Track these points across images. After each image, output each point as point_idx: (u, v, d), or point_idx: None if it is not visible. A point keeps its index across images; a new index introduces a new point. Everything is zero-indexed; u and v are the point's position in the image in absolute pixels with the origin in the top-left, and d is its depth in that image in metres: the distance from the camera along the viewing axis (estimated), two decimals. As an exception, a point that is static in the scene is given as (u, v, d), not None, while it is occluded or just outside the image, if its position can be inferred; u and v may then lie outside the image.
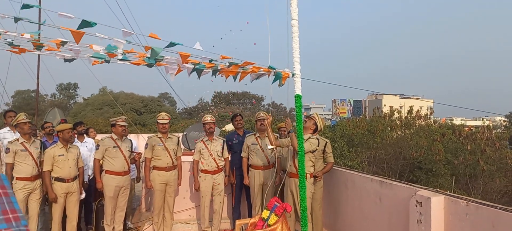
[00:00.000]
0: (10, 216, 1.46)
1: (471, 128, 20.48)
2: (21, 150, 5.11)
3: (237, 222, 4.83)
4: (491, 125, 24.27)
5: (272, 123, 5.23)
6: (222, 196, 5.81)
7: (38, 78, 12.92)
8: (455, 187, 14.86)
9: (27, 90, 51.36)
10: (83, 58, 3.91)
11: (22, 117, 5.22)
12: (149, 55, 3.86)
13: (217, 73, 4.35)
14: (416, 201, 3.78)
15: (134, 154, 5.92)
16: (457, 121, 40.87)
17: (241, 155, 5.90)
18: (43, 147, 5.44)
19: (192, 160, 6.01)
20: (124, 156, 5.50)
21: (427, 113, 21.37)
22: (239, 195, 6.19)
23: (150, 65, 3.94)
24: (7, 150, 5.11)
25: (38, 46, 3.56)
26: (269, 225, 4.34)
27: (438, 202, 3.59)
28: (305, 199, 4.44)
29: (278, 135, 6.14)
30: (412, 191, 3.95)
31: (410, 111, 20.87)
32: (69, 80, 64.32)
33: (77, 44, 3.37)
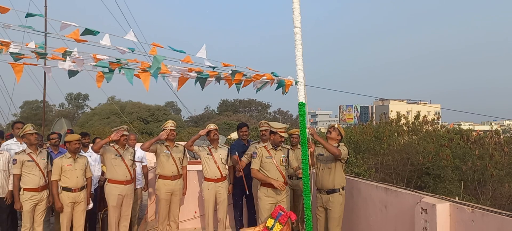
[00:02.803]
0: None
1: (479, 133, 20.28)
2: (28, 161, 5.16)
3: (241, 230, 4.81)
4: (499, 129, 24.00)
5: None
6: (226, 204, 5.79)
7: (44, 88, 13.03)
8: (464, 193, 14.70)
9: (35, 101, 51.88)
10: (87, 70, 3.95)
11: (29, 128, 5.28)
12: (152, 64, 3.90)
13: (221, 80, 4.37)
14: (421, 208, 3.75)
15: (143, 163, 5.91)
16: (465, 126, 40.50)
17: (241, 159, 5.77)
18: (49, 157, 5.49)
19: (197, 169, 6.00)
20: (126, 165, 5.52)
21: (434, 119, 21.21)
22: (242, 203, 6.16)
23: (155, 76, 3.95)
24: (14, 161, 5.16)
25: (42, 56, 3.60)
26: (273, 234, 4.33)
27: (443, 209, 3.56)
28: (309, 206, 4.42)
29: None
30: (417, 198, 3.93)
31: (417, 117, 20.73)
32: (79, 90, 65.07)
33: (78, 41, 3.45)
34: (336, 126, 5.14)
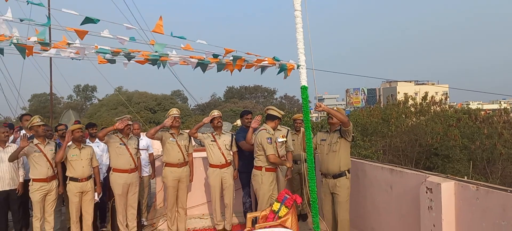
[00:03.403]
0: None
1: (488, 112, 20.10)
2: (35, 152, 5.23)
3: (248, 215, 4.86)
4: (508, 107, 23.74)
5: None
6: (232, 190, 5.84)
7: (51, 80, 13.12)
8: (473, 172, 14.64)
9: (43, 94, 52.37)
10: (90, 59, 3.99)
11: (36, 120, 5.33)
12: (154, 51, 3.93)
13: (223, 69, 4.36)
14: (426, 187, 3.74)
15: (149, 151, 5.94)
16: (474, 105, 40.10)
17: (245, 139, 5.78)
18: (58, 148, 5.55)
19: (204, 156, 6.00)
20: (130, 153, 5.56)
21: (441, 99, 21.06)
22: (249, 188, 6.20)
23: (154, 62, 3.97)
24: None
25: (44, 45, 3.64)
26: (279, 217, 4.37)
27: (448, 188, 3.55)
28: (314, 189, 4.45)
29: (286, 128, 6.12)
30: (422, 177, 3.92)
31: (424, 98, 20.59)
32: (87, 82, 65.64)
33: (81, 39, 3.47)
34: (339, 110, 5.14)
